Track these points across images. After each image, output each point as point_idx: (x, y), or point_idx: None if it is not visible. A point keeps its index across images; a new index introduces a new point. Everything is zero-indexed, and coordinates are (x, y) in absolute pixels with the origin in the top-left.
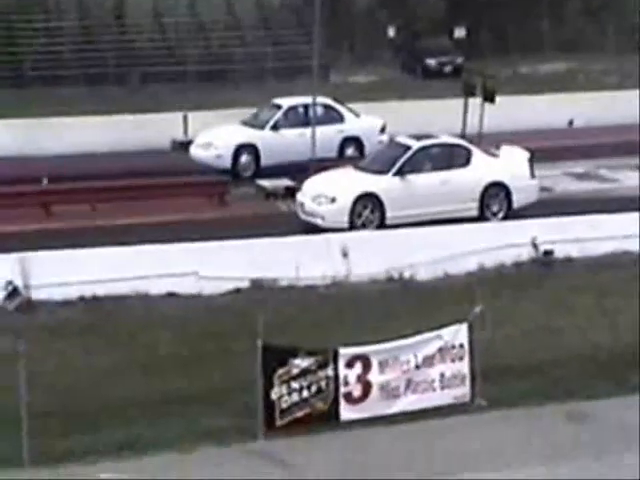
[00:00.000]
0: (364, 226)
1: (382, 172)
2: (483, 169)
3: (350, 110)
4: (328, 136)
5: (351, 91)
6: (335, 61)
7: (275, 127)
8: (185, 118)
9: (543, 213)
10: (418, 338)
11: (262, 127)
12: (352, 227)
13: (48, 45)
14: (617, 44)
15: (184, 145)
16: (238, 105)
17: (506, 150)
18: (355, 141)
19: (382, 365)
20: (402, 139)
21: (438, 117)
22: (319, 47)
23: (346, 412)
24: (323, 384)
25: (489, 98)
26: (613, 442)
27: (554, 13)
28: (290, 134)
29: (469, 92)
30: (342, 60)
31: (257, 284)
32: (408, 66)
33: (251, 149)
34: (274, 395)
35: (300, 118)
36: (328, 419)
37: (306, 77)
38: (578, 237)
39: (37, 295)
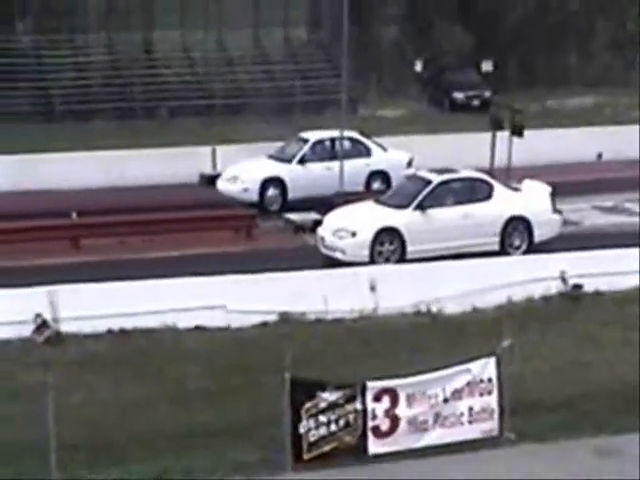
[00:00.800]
0: (385, 260)
1: (403, 206)
2: (504, 203)
3: (377, 144)
4: (355, 170)
5: (379, 125)
6: (363, 95)
7: (302, 161)
8: (213, 152)
9: (571, 247)
10: (446, 372)
11: (289, 161)
12: (372, 261)
13: (77, 79)
14: None
15: (212, 179)
16: (266, 139)
17: (528, 184)
18: (382, 175)
19: (410, 399)
20: (423, 173)
21: (466, 151)
22: (347, 81)
23: (374, 446)
24: (351, 418)
25: (517, 132)
26: None
27: (581, 47)
28: (317, 168)
29: (497, 126)
30: (370, 94)
31: (285, 317)
32: (435, 100)
33: (278, 183)
34: (302, 429)
35: (327, 152)
36: (356, 453)
37: (334, 111)
38: (607, 271)
39: (66, 328)
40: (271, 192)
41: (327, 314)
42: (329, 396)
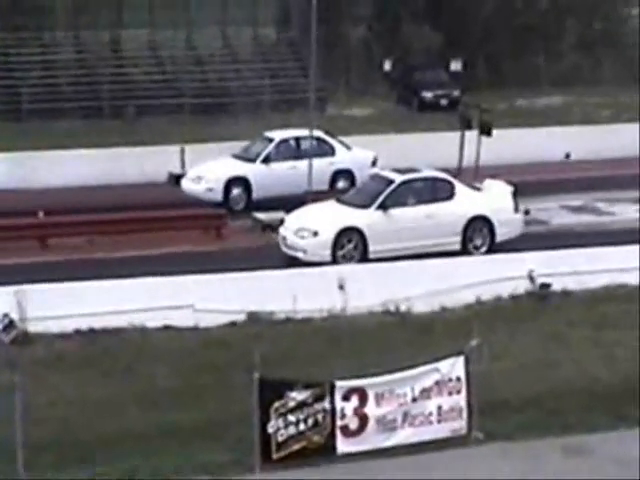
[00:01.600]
0: (346, 260)
1: (365, 206)
2: (466, 203)
3: (342, 143)
4: (320, 169)
5: (347, 124)
6: (331, 94)
7: (266, 160)
8: (182, 151)
9: (540, 246)
10: (415, 371)
11: (253, 160)
12: (334, 261)
13: (45, 78)
14: (612, 78)
15: (181, 178)
16: (235, 138)
17: (490, 184)
18: (347, 174)
19: (379, 398)
20: (385, 173)
21: (434, 150)
22: (315, 80)
23: (343, 445)
24: (320, 417)
25: (486, 131)
26: (610, 476)
27: (550, 47)
28: (281, 167)
29: (465, 125)
30: (338, 93)
31: (253, 317)
32: (404, 99)
33: (242, 182)
34: (271, 428)
35: (291, 151)
36: (325, 452)
37: (303, 110)
38: (575, 270)
39: (33, 328)
40: (235, 192)
41: (296, 313)
42: (298, 395)
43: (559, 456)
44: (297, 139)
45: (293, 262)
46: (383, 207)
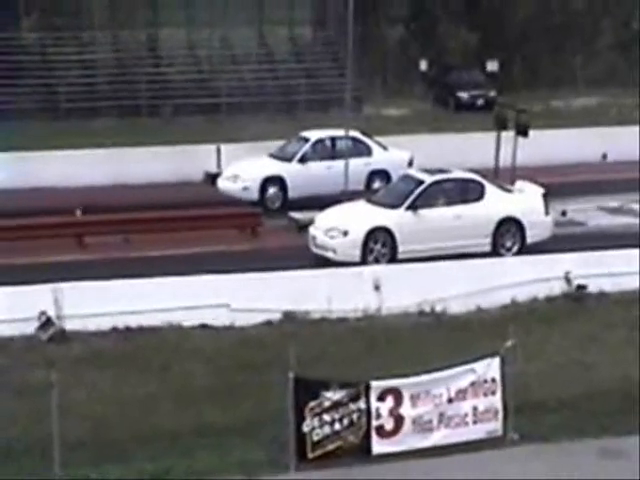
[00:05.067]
0: (376, 260)
1: (395, 206)
2: (496, 204)
3: (378, 143)
4: (356, 169)
5: (384, 124)
6: (368, 94)
7: (302, 160)
8: (218, 150)
9: (576, 247)
10: (450, 372)
11: (289, 160)
12: (364, 261)
13: (82, 77)
14: None
15: (217, 177)
16: (271, 137)
17: (521, 185)
18: (383, 174)
19: (414, 399)
20: (415, 173)
21: (470, 151)
22: (351, 80)
23: (378, 445)
24: (355, 417)
25: (522, 132)
26: None
27: (586, 47)
28: (317, 167)
29: (502, 126)
30: (375, 93)
31: (289, 316)
32: (440, 99)
33: (278, 182)
34: (306, 428)
35: (327, 151)
36: (360, 452)
37: (339, 109)
38: (611, 271)
39: (70, 326)
40: (271, 191)
41: (331, 313)
42: (333, 395)
43: (594, 458)
44: (333, 139)
45: (326, 262)
46: (413, 207)
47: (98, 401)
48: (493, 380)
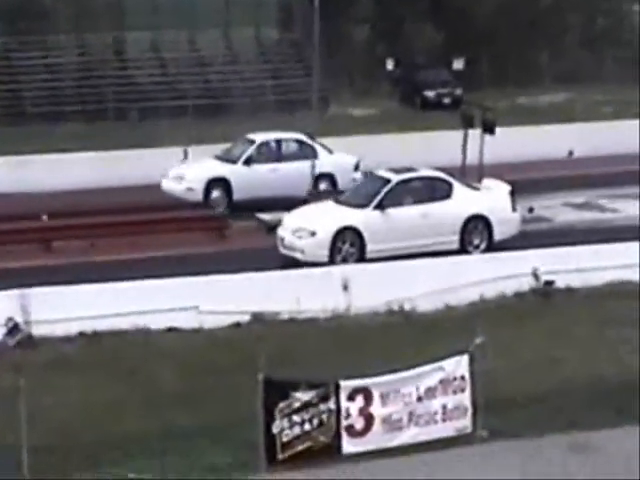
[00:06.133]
0: (344, 260)
1: (362, 206)
2: (464, 202)
3: (324, 146)
4: (301, 172)
5: (350, 123)
6: (334, 94)
7: (247, 162)
8: (185, 153)
9: (543, 243)
10: (419, 370)
11: (235, 162)
12: (332, 261)
13: (48, 81)
14: (614, 75)
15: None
16: (238, 139)
17: (487, 183)
18: (328, 178)
19: (384, 398)
20: (382, 172)
21: (437, 149)
22: (318, 80)
23: (348, 445)
24: (325, 417)
25: (488, 129)
26: (616, 473)
27: (552, 44)
28: (262, 169)
29: (468, 124)
30: (341, 93)
31: (258, 318)
32: (407, 98)
33: (223, 183)
34: (275, 429)
35: (273, 153)
36: (330, 452)
37: (306, 110)
38: (579, 267)
39: (38, 331)
40: (216, 193)
41: (300, 314)
42: (302, 396)
43: (564, 453)
44: (278, 141)
45: (294, 263)
46: (380, 207)
47: (66, 406)
48: (462, 378)
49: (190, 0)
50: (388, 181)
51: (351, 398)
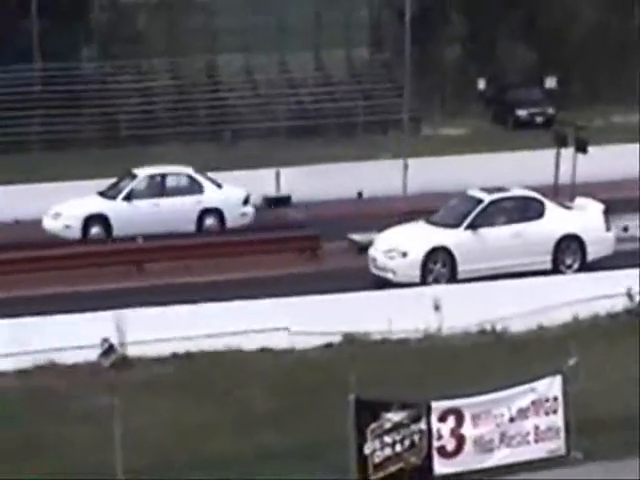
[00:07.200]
0: (436, 280)
1: (454, 226)
2: (557, 222)
3: (212, 181)
4: (186, 207)
5: (442, 144)
6: (426, 114)
7: (128, 197)
8: (277, 174)
9: (638, 263)
10: (512, 391)
11: (115, 197)
12: (423, 282)
13: (142, 104)
14: None
15: (276, 201)
16: (330, 160)
17: (580, 202)
18: (215, 213)
19: (475, 419)
20: (474, 192)
21: (530, 169)
22: (409, 100)
23: (440, 466)
24: (416, 438)
25: (581, 148)
26: None
27: None
28: (144, 205)
29: (561, 143)
30: (433, 113)
31: (349, 338)
32: (499, 117)
33: (102, 220)
34: (367, 450)
35: (156, 188)
36: (422, 473)
37: (397, 131)
38: None
39: (132, 352)
40: (95, 230)
41: (391, 334)
42: (394, 416)
43: None
44: (163, 176)
45: (386, 283)
46: (472, 227)
47: (159, 426)
48: (555, 399)
49: (281, 22)
50: (480, 201)
51: (442, 419)
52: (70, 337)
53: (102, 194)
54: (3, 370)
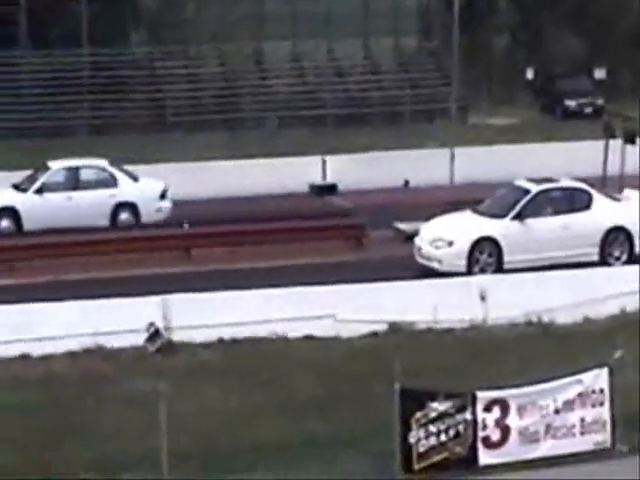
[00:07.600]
0: (482, 271)
1: (500, 216)
2: (604, 213)
3: (127, 173)
4: (99, 201)
5: (490, 133)
6: (473, 103)
7: (40, 190)
8: (323, 162)
9: None
10: (558, 383)
11: (26, 190)
12: (469, 272)
13: (189, 91)
14: None
15: (322, 189)
16: (376, 148)
17: (628, 194)
18: (130, 207)
19: (521, 409)
20: (522, 183)
21: (578, 159)
22: (457, 89)
23: (484, 456)
24: (461, 428)
25: (630, 139)
26: None
27: None
28: (56, 198)
29: (610, 134)
30: (480, 102)
31: (395, 327)
32: (547, 107)
33: (11, 213)
34: (412, 439)
35: (69, 181)
36: (466, 463)
37: (444, 119)
38: None
39: (178, 337)
40: (5, 222)
41: (437, 324)
42: (439, 406)
43: None
44: (76, 169)
45: (432, 273)
46: (519, 217)
47: (204, 412)
48: (601, 391)
49: (329, 10)
50: (528, 191)
51: (488, 409)
52: (116, 321)
53: (16, 187)
54: (51, 353)
